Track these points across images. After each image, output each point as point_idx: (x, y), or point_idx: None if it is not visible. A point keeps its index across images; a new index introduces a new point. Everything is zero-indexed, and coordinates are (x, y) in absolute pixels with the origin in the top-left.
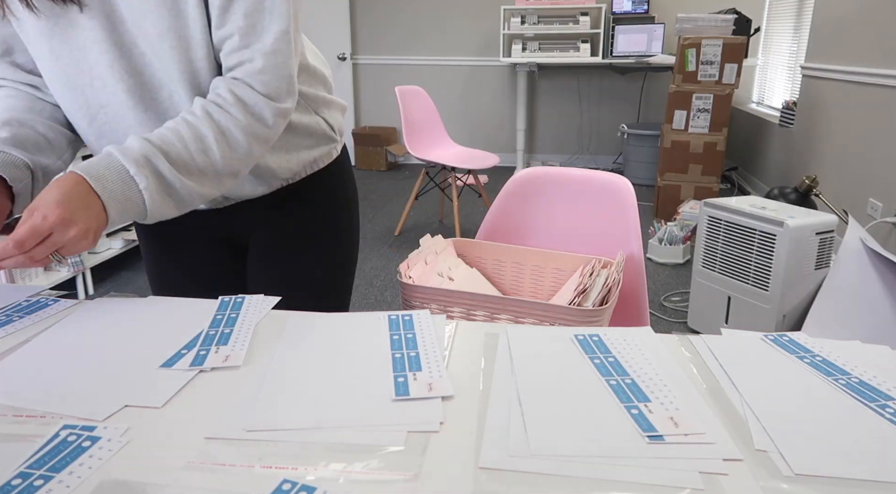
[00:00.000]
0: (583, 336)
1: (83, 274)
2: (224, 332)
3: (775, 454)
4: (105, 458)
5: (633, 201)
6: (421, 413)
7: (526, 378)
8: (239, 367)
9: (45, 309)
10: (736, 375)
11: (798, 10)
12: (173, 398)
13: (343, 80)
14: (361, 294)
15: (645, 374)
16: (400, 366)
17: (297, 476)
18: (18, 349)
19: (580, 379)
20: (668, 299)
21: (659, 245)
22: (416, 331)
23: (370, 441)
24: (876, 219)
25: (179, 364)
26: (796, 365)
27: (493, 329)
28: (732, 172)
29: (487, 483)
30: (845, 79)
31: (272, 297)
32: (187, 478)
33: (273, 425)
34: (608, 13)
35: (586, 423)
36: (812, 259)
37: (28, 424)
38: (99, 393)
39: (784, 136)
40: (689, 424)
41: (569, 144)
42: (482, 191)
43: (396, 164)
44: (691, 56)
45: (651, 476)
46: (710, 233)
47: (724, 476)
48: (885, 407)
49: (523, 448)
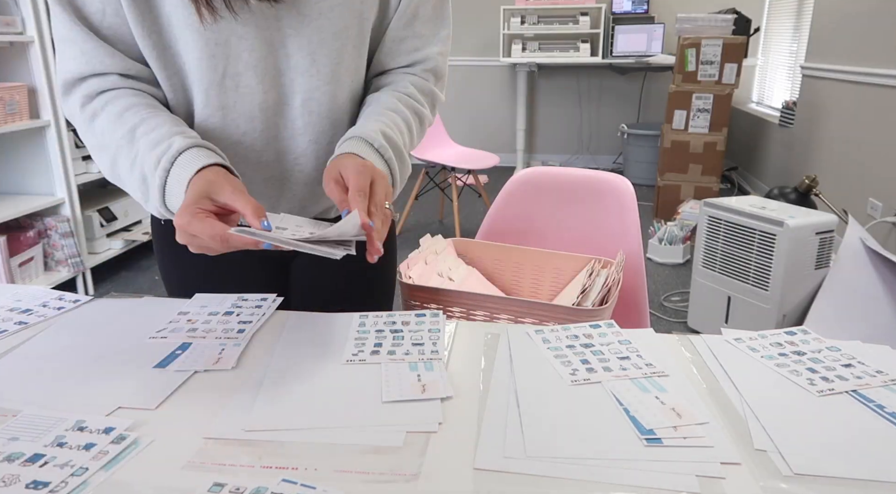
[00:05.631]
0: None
1: (83, 274)
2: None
3: (774, 453)
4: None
5: (632, 201)
6: (420, 413)
7: (525, 378)
8: (233, 369)
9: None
10: (736, 375)
11: (798, 10)
12: (172, 398)
13: None
14: None
15: (644, 375)
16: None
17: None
18: (15, 350)
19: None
20: (668, 299)
21: (659, 245)
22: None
23: (369, 441)
24: (876, 218)
25: (173, 365)
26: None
27: (493, 329)
28: (732, 172)
29: (486, 484)
30: (845, 79)
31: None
32: (187, 478)
33: (273, 425)
34: (608, 13)
35: (584, 425)
36: (812, 259)
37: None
38: (93, 393)
39: (784, 136)
40: (688, 427)
41: (569, 144)
42: (482, 191)
43: None
44: (691, 56)
45: (648, 478)
46: (710, 232)
47: (722, 479)
48: (882, 407)
49: (519, 450)
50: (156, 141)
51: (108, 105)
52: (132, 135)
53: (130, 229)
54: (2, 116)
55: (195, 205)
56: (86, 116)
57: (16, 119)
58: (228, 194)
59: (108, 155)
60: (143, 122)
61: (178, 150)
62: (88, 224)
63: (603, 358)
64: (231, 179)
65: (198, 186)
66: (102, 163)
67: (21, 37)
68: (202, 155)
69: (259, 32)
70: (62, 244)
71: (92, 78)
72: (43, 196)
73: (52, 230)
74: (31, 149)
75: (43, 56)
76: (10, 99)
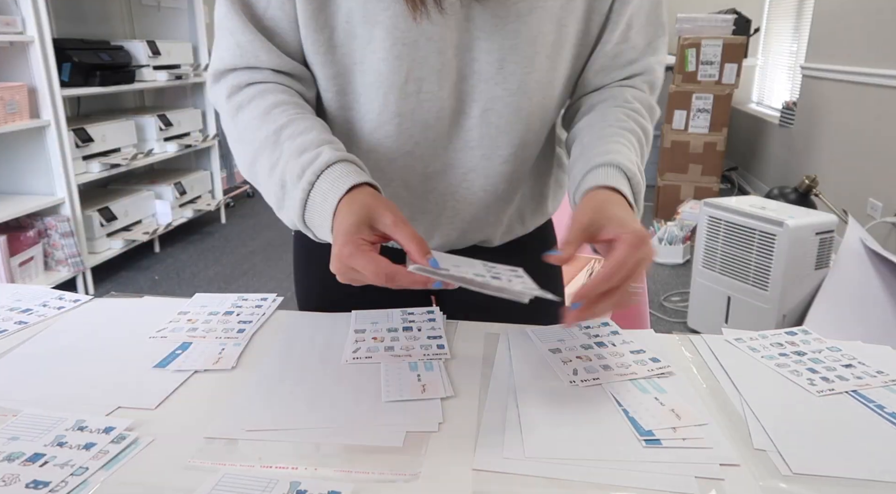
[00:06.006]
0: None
1: (83, 273)
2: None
3: (774, 453)
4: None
5: None
6: (420, 413)
7: (525, 378)
8: (233, 369)
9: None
10: (736, 375)
11: (798, 10)
12: (172, 398)
13: None
14: None
15: (643, 376)
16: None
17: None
18: (15, 350)
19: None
20: (668, 299)
21: (659, 245)
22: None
23: (369, 441)
24: (876, 219)
25: (173, 365)
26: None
27: (493, 329)
28: (732, 172)
29: (485, 484)
30: (845, 79)
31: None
32: (187, 478)
33: (273, 425)
34: None
35: (583, 425)
36: (812, 259)
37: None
38: (93, 393)
39: (784, 136)
40: (687, 428)
41: None
42: None
43: None
44: (691, 56)
45: (647, 480)
46: (710, 233)
47: (721, 480)
48: (882, 407)
49: (518, 451)
50: (302, 147)
51: (256, 99)
52: (277, 136)
53: (130, 229)
54: (2, 116)
55: (357, 235)
56: (231, 107)
57: (16, 119)
58: (390, 225)
59: (249, 151)
60: (291, 123)
61: (326, 163)
62: (88, 224)
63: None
64: (389, 205)
65: (355, 211)
66: (241, 158)
67: (21, 37)
68: (351, 172)
69: (448, 33)
70: (62, 244)
71: (243, 69)
72: (43, 196)
73: (52, 230)
74: (31, 148)
75: (43, 56)
76: (10, 99)
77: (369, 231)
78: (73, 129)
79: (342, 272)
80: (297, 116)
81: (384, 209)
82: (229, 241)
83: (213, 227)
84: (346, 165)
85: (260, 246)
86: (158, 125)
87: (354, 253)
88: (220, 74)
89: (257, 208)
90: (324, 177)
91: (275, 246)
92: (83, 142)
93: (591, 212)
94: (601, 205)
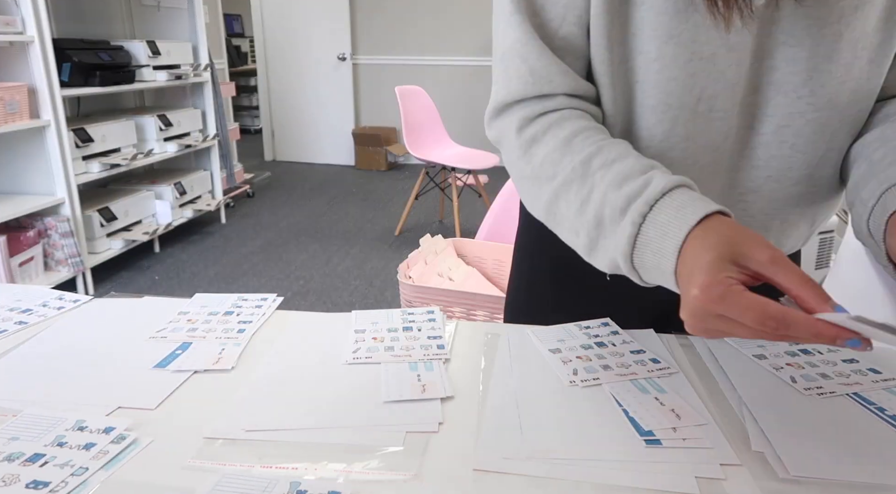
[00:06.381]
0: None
1: (83, 273)
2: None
3: (772, 456)
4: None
5: None
6: (420, 413)
7: (525, 378)
8: (233, 369)
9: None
10: (735, 376)
11: None
12: (171, 398)
13: (343, 80)
14: (361, 294)
15: (643, 376)
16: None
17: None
18: (15, 350)
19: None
20: None
21: None
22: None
23: (369, 441)
24: None
25: (173, 365)
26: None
27: (493, 329)
28: None
29: (485, 485)
30: None
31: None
32: (187, 478)
33: (273, 425)
34: None
35: (583, 425)
36: (812, 259)
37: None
38: (93, 393)
39: None
40: (687, 428)
41: None
42: (482, 191)
43: (396, 164)
44: None
45: (647, 480)
46: None
47: (722, 480)
48: (883, 409)
49: (518, 451)
50: (622, 175)
51: (552, 128)
52: (586, 168)
53: (130, 229)
54: (2, 116)
55: (724, 273)
56: (522, 142)
57: (16, 119)
58: (766, 262)
59: (548, 188)
60: (601, 151)
61: (662, 190)
62: (88, 224)
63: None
64: (760, 239)
65: (714, 246)
66: (537, 197)
67: (21, 37)
68: (696, 199)
69: (751, 41)
70: (62, 244)
71: (534, 99)
72: (43, 196)
73: (52, 230)
74: (31, 149)
75: (43, 56)
76: (10, 99)
77: (736, 269)
78: (73, 129)
79: (703, 319)
80: (604, 143)
81: (754, 243)
82: (229, 241)
83: (213, 227)
84: (685, 192)
85: (260, 246)
86: (158, 125)
87: (727, 296)
88: (504, 107)
89: (257, 208)
90: (660, 207)
91: (275, 246)
92: (83, 142)
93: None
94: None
